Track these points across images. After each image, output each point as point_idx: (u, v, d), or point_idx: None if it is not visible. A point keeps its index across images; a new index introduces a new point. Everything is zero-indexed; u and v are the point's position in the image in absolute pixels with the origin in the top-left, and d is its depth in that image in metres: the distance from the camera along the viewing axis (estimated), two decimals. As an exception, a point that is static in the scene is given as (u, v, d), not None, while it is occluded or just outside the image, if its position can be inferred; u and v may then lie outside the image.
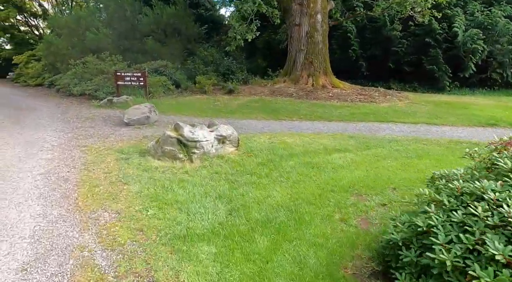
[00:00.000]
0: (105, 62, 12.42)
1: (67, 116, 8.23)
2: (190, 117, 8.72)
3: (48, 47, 16.31)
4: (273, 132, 6.97)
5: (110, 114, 8.79)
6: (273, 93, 11.96)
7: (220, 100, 11.28)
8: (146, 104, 7.88)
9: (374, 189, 3.89)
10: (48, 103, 10.85)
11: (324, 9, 12.91)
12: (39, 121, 7.57)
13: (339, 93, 11.64)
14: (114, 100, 10.15)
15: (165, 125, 7.44)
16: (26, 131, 6.48)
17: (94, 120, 7.78)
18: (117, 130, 6.81)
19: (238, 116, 8.89)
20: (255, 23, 9.89)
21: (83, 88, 11.26)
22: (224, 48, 18.75)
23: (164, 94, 12.31)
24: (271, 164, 4.82)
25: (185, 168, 4.55)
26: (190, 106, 10.27)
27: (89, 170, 4.19)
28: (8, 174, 4.02)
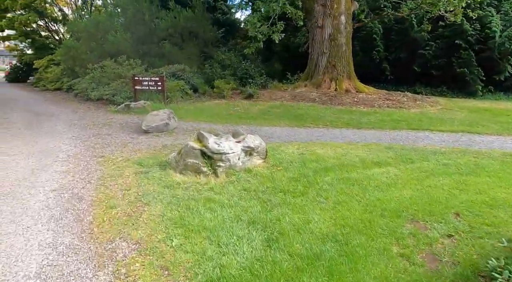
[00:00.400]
0: (123, 67, 12.23)
1: (84, 123, 7.96)
2: (209, 124, 8.32)
3: (67, 52, 16.36)
4: (300, 141, 6.45)
5: (128, 120, 8.48)
6: (294, 98, 11.44)
7: (240, 105, 10.84)
8: (165, 111, 7.51)
9: (432, 213, 3.32)
10: (66, 108, 10.69)
11: (348, 10, 12.34)
12: (56, 127, 7.31)
13: (365, 98, 11.01)
14: (132, 106, 9.87)
15: (185, 133, 7.06)
16: (42, 139, 6.19)
17: (111, 127, 7.46)
18: (135, 138, 6.45)
19: (260, 123, 8.42)
20: (280, 24, 9.43)
21: (101, 93, 11.07)
22: (240, 52, 18.45)
23: (182, 99, 11.99)
24: (304, 179, 4.30)
25: (210, 183, 4.09)
26: (209, 112, 9.88)
27: (106, 186, 3.78)
28: (19, 190, 3.66)
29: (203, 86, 13.60)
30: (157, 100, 11.06)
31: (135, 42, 15.34)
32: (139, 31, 15.77)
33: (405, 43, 14.85)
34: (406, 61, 15.16)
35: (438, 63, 14.17)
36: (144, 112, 9.57)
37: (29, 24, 20.45)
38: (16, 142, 5.89)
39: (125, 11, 16.52)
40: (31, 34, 21.14)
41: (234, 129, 5.44)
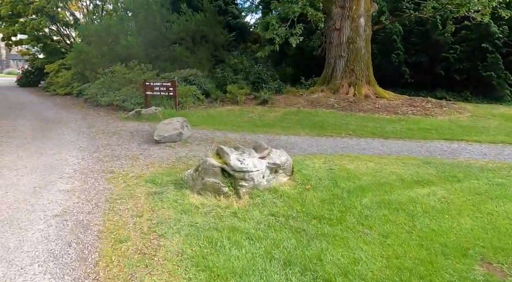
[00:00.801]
0: (134, 71, 11.89)
1: (93, 131, 7.56)
2: (224, 132, 7.84)
3: (78, 56, 16.17)
4: (325, 153, 5.90)
5: (138, 128, 8.06)
6: (311, 104, 10.90)
7: (254, 111, 10.35)
8: (178, 119, 7.06)
9: (505, 252, 2.74)
10: (75, 114, 10.36)
11: (368, 12, 11.77)
12: (64, 136, 6.92)
13: (387, 105, 10.39)
14: (143, 112, 9.47)
15: (199, 143, 6.58)
16: (48, 149, 5.79)
17: (121, 136, 7.04)
18: (147, 149, 5.99)
19: (278, 131, 7.90)
20: (299, 26, 8.92)
21: (111, 98, 10.72)
22: (251, 55, 18.02)
23: (193, 105, 11.57)
24: (339, 201, 3.76)
25: (232, 206, 3.59)
26: (222, 118, 9.41)
27: (115, 211, 3.30)
28: (17, 216, 3.21)
29: (215, 92, 13.17)
30: (169, 106, 10.65)
31: (146, 46, 15.05)
32: (150, 35, 15.48)
33: (426, 46, 14.17)
34: (427, 64, 14.48)
35: (461, 67, 13.45)
36: (155, 119, 9.17)
37: (41, 28, 20.42)
38: (20, 153, 5.50)
39: (136, 15, 16.27)
40: (42, 39, 21.11)
41: (254, 141, 4.93)
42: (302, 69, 20.57)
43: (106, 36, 15.73)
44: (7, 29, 20.77)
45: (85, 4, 23.03)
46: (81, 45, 16.40)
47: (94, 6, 21.28)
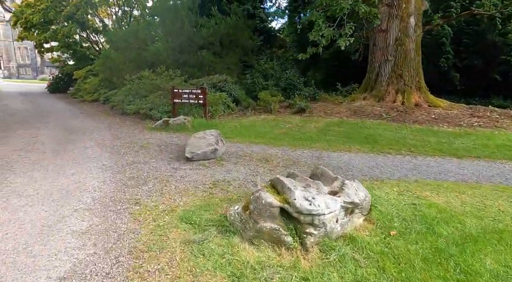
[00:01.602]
0: (161, 78, 11.23)
1: (118, 144, 6.81)
2: (261, 146, 6.86)
3: (105, 62, 15.89)
4: (392, 178, 4.78)
5: (167, 140, 7.25)
6: (355, 114, 9.73)
7: (291, 122, 9.33)
8: (211, 132, 6.16)
9: None
10: (100, 123, 9.77)
11: (419, 10, 10.51)
12: (85, 151, 6.20)
13: (444, 115, 9.05)
14: (170, 122, 8.69)
15: (236, 161, 5.63)
16: (66, 168, 5.03)
17: (148, 151, 6.22)
18: (177, 169, 5.11)
19: (323, 146, 6.82)
20: (349, 26, 7.83)
21: (137, 106, 10.07)
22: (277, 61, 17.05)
23: (224, 114, 10.72)
24: (449, 261, 2.65)
25: (298, 265, 2.57)
26: (257, 129, 8.45)
27: (141, 274, 2.37)
28: (9, 274, 2.35)
29: (246, 99, 12.30)
30: (198, 115, 9.86)
31: (174, 52, 14.48)
32: (178, 39, 14.91)
33: (481, 47, 12.63)
34: (481, 69, 12.92)
35: (524, 71, 11.83)
36: (183, 130, 8.37)
37: (71, 35, 20.51)
38: (35, 173, 4.76)
39: (163, 20, 15.79)
40: (72, 45, 21.23)
41: (315, 167, 3.88)
42: (333, 75, 19.40)
43: (133, 42, 15.35)
44: (39, 37, 21.05)
45: (114, 10, 23.05)
46: (109, 51, 16.11)
47: (123, 12, 21.18)
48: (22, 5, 21.00)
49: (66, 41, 20.69)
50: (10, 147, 6.41)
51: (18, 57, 66.13)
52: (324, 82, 17.98)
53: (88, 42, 23.09)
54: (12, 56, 65.99)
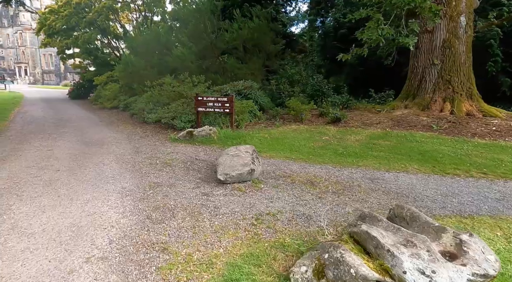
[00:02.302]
0: (184, 84, 10.54)
1: (139, 160, 6.07)
2: (300, 163, 5.96)
3: (125, 68, 15.45)
4: (481, 213, 3.75)
5: (192, 155, 6.46)
6: (398, 124, 8.67)
7: (327, 133, 8.38)
8: (246, 148, 5.30)
9: None
10: (120, 133, 9.14)
11: (470, 8, 9.38)
12: (103, 169, 5.47)
13: (507, 127, 7.86)
14: (195, 133, 7.93)
15: (276, 184, 4.75)
16: (80, 193, 4.29)
17: (173, 169, 5.43)
18: (209, 194, 4.27)
19: (372, 164, 5.84)
20: (413, 24, 6.82)
21: (159, 115, 9.38)
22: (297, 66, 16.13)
23: (250, 123, 9.89)
24: None
25: None
26: (290, 142, 7.55)
27: None
28: None
29: (273, 107, 11.46)
30: (224, 125, 9.08)
31: (196, 57, 13.86)
32: (200, 44, 14.29)
33: (536, 50, 11.31)
34: (535, 73, 11.58)
35: None
36: (210, 142, 7.58)
37: (92, 41, 20.39)
38: (44, 200, 4.04)
39: (185, 24, 15.23)
40: (93, 52, 21.11)
41: (395, 205, 2.94)
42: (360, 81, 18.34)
43: (154, 47, 14.86)
44: (61, 43, 21.05)
45: (135, 16, 22.86)
46: (129, 56, 15.68)
47: (144, 17, 20.90)
48: (45, 11, 21.10)
49: (87, 47, 20.57)
50: (23, 162, 5.79)
51: (43, 64, 68.27)
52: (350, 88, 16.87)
53: (109, 48, 22.97)
54: (37, 62, 68.18)
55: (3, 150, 6.77)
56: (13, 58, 68.05)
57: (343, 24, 20.62)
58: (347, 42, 21.07)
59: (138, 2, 20.94)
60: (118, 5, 20.23)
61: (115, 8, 20.29)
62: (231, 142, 7.68)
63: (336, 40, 21.27)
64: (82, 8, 20.07)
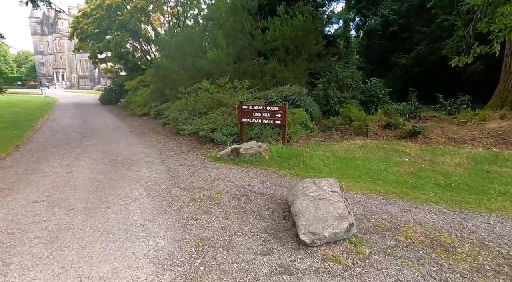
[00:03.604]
0: (223, 90, 9.09)
1: (177, 193, 4.60)
2: (395, 201, 4.23)
3: (157, 72, 14.38)
4: None
5: (244, 184, 4.91)
6: (503, 141, 6.66)
7: (408, 152, 6.54)
8: (330, 184, 3.64)
9: None
10: (151, 148, 7.82)
11: None
12: (130, 209, 4.04)
13: None
14: (242, 151, 6.39)
15: (388, 248, 3.05)
16: (95, 262, 2.85)
17: (224, 212, 3.90)
18: (292, 270, 2.67)
19: (510, 208, 3.97)
20: None
21: (196, 127, 7.96)
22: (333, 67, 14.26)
23: (303, 137, 8.24)
24: None
25: None
26: (365, 165, 5.80)
27: None
28: None
29: (328, 117, 9.77)
30: (272, 139, 7.51)
31: (234, 59, 12.47)
32: (237, 45, 12.88)
33: None
34: None
35: None
36: (261, 163, 6.01)
37: (124, 45, 19.71)
38: (39, 276, 2.60)
39: (221, 24, 13.91)
40: (125, 55, 20.44)
41: None
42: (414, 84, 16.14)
43: (188, 49, 13.65)
44: (93, 47, 20.57)
45: (168, 19, 22.03)
46: (161, 59, 14.60)
47: (176, 18, 19.94)
48: (78, 15, 20.76)
49: (119, 51, 19.92)
50: (31, 194, 4.50)
51: (78, 69, 70.74)
52: (399, 93, 14.69)
53: (140, 52, 22.30)
54: (74, 68, 70.75)
55: (15, 172, 5.59)
56: (52, 64, 71.11)
57: (393, 21, 18.54)
58: (398, 41, 18.91)
59: (171, 4, 20.04)
60: (150, 7, 19.43)
61: (147, 11, 19.52)
62: (287, 163, 6.08)
63: (384, 39, 19.20)
64: (114, 11, 19.46)
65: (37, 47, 71.07)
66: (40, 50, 71.03)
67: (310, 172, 5.62)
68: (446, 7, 13.45)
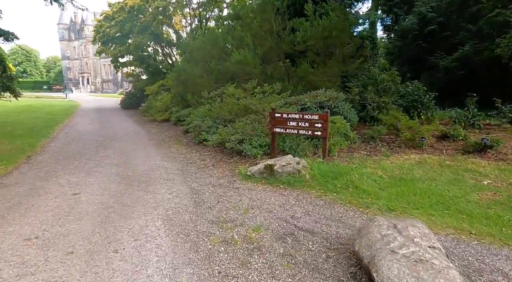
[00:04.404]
0: (250, 95, 8.11)
1: (203, 229, 3.62)
2: (502, 250, 3.05)
3: (178, 76, 13.65)
4: None
5: (286, 216, 3.87)
6: None
7: (484, 173, 5.29)
8: (426, 234, 2.54)
9: None
10: (172, 161, 6.95)
11: None
12: (144, 254, 3.11)
13: None
14: (277, 168, 5.36)
15: None
16: None
17: (268, 263, 2.88)
18: None
19: None
20: None
21: (222, 137, 7.00)
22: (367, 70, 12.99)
23: (345, 149, 7.12)
24: None
25: None
26: (431, 190, 4.62)
27: None
28: None
29: (358, 124, 8.60)
30: (309, 152, 6.45)
31: (261, 61, 11.52)
32: (264, 46, 11.92)
33: None
34: None
35: None
36: (301, 184, 4.98)
37: (145, 48, 19.25)
38: None
39: (247, 23, 13.01)
40: (146, 59, 19.98)
41: None
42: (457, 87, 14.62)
43: (211, 51, 12.84)
44: (115, 50, 20.27)
45: (189, 21, 21.44)
46: (183, 62, 13.88)
47: (198, 20, 19.28)
48: (101, 19, 20.56)
49: (140, 55, 19.47)
50: (26, 226, 3.66)
51: (103, 73, 72.36)
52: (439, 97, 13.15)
53: (162, 56, 21.82)
54: (98, 72, 72.44)
55: (16, 192, 4.82)
56: (78, 68, 73.14)
57: (431, 19, 17.03)
58: (436, 40, 17.31)
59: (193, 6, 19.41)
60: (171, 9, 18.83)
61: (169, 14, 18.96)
62: (333, 184, 5.00)
63: (421, 39, 17.70)
64: (136, 14, 19.06)
65: (64, 52, 73.34)
66: (67, 56, 73.22)
67: (364, 197, 4.52)
68: (499, 0, 11.95)
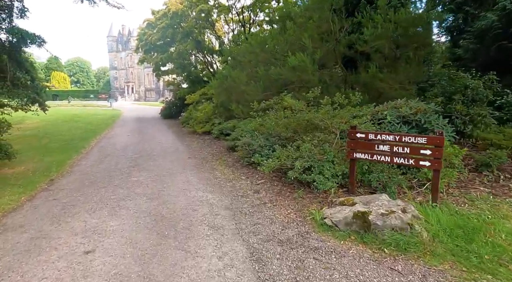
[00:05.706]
0: (312, 108, 6.37)
1: None
2: None
3: (221, 84, 12.36)
4: None
5: None
6: None
7: None
8: None
9: None
10: (217, 191, 5.41)
11: None
12: None
13: None
14: (373, 219, 3.55)
15: None
16: None
17: None
18: None
19: None
20: None
21: (280, 162, 5.34)
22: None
23: (453, 185, 5.10)
24: None
25: None
26: None
27: None
28: None
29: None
30: (407, 189, 4.56)
31: (318, 66, 9.81)
32: (322, 49, 10.18)
33: None
34: None
35: None
36: (418, 250, 3.10)
37: (187, 56, 18.41)
38: None
39: (301, 23, 11.40)
40: (187, 67, 19.16)
41: None
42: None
43: (258, 56, 11.39)
44: (156, 59, 19.73)
45: (232, 27, 20.36)
46: (227, 69, 12.57)
47: (242, 25, 18.06)
48: (143, 26, 20.22)
49: (181, 62, 18.67)
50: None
51: (146, 82, 74.94)
52: None
53: (203, 64, 20.95)
54: (142, 81, 75.18)
55: (11, 247, 3.52)
56: (123, 78, 76.54)
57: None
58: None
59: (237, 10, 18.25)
60: (214, 15, 17.84)
61: (211, 19, 18.00)
62: (471, 251, 3.09)
63: (505, 39, 14.87)
64: (178, 22, 18.35)
65: (112, 63, 77.24)
66: (114, 66, 77.02)
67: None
68: None
